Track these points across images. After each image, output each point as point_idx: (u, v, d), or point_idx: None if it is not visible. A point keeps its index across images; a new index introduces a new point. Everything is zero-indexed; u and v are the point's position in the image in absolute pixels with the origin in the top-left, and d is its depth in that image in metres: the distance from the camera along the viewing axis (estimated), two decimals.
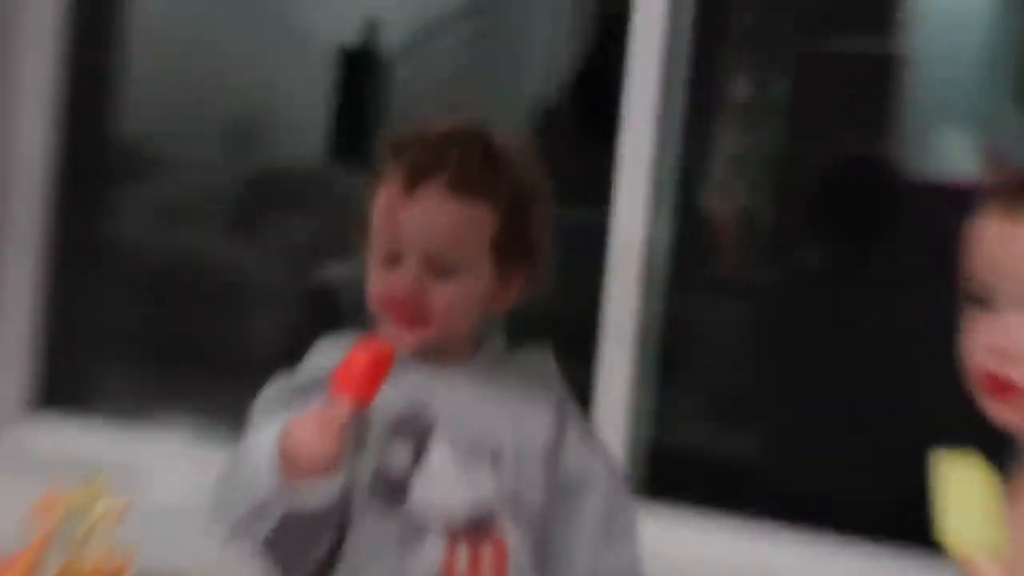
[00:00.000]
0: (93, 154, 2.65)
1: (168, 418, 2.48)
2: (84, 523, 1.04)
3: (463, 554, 1.40)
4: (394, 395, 1.37)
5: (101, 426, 2.46)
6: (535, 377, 1.49)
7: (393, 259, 1.37)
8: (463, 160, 1.40)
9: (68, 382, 2.59)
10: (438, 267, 1.37)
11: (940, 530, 1.01)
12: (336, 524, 1.36)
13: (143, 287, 2.71)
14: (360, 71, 2.69)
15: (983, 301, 1.06)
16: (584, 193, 2.27)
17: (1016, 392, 1.04)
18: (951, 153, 2.24)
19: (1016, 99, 2.40)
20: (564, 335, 1.65)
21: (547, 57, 2.75)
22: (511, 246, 1.42)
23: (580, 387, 1.67)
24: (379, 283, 1.38)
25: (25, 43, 2.41)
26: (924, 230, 2.14)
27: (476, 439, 1.40)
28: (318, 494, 1.31)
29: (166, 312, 2.71)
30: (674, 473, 2.25)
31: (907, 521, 1.78)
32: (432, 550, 1.38)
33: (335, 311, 2.59)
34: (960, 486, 1.03)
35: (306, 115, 2.76)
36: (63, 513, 1.02)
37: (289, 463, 1.27)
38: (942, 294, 1.16)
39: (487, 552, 1.41)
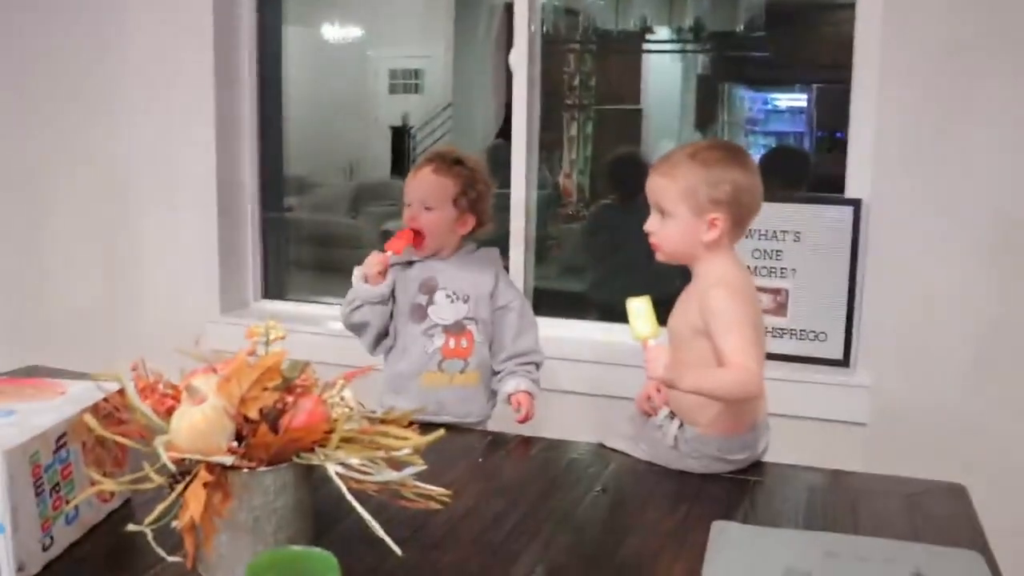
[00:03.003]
0: None
1: None
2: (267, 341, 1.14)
3: (452, 340, 1.82)
4: (417, 272, 1.80)
5: None
6: (487, 260, 1.89)
7: (408, 205, 1.81)
8: (442, 159, 1.84)
9: None
10: (424, 207, 1.80)
11: (631, 331, 1.37)
12: (385, 313, 1.77)
13: None
14: None
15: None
16: (503, 179, 2.66)
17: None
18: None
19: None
20: (498, 243, 2.00)
21: (484, 124, 3.79)
22: (464, 201, 1.84)
23: (505, 266, 2.10)
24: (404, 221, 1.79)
25: None
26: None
27: (457, 289, 1.81)
28: (374, 291, 1.77)
29: None
30: (547, 301, 2.83)
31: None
32: (438, 339, 1.84)
33: None
34: (638, 309, 1.39)
35: None
36: (256, 336, 1.16)
37: (364, 274, 1.76)
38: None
39: (464, 340, 1.83)
